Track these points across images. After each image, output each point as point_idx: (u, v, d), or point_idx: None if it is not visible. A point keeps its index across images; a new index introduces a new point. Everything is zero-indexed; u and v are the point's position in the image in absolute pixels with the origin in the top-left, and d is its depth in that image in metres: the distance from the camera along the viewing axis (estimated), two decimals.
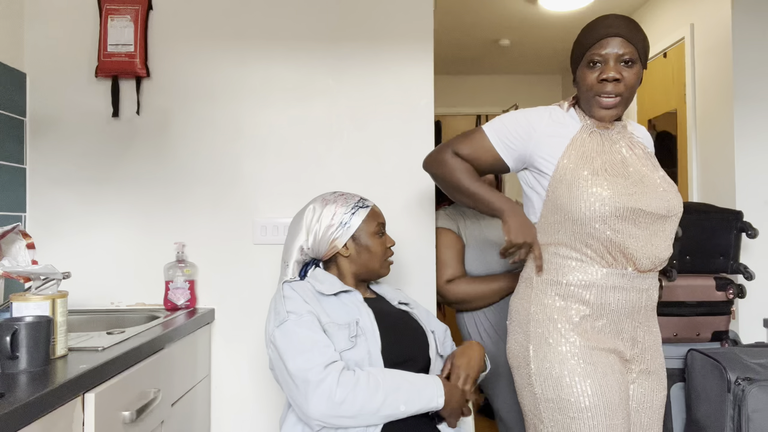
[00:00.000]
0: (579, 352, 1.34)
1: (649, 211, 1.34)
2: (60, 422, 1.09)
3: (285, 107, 2.06)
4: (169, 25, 2.05)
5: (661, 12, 3.15)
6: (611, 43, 1.37)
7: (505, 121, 1.48)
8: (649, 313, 1.44)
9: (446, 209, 2.11)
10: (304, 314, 1.39)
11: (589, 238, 1.35)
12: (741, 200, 2.36)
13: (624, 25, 1.38)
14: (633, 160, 1.42)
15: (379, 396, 1.30)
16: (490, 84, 5.08)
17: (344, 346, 1.38)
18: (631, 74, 1.38)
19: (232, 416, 2.03)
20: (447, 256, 2.00)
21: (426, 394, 1.34)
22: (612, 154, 1.41)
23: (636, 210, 1.33)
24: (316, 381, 1.29)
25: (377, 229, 1.55)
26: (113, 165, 2.04)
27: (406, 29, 2.07)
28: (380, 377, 1.33)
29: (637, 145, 1.46)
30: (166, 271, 1.95)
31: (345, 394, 1.29)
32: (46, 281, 1.30)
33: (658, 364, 1.47)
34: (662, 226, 1.38)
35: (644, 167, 1.42)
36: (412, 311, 1.59)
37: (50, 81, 2.03)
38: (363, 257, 1.54)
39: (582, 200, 1.33)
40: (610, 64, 1.37)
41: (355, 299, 1.49)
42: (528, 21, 3.69)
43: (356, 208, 1.54)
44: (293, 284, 1.48)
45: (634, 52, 1.37)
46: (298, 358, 1.33)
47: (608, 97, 1.38)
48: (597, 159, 1.38)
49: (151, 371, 1.49)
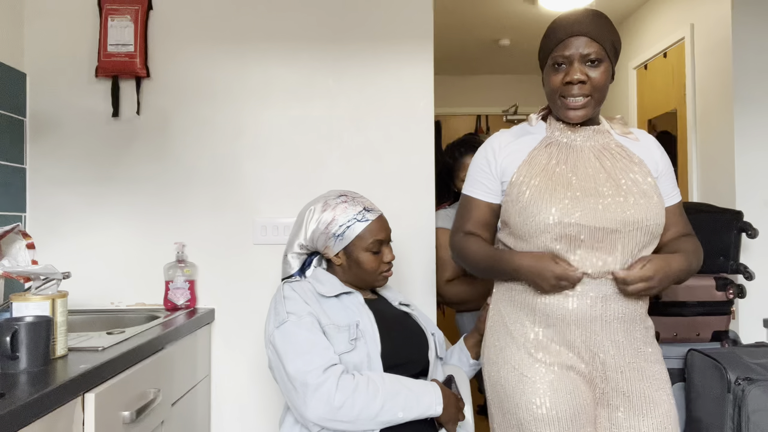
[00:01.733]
0: (521, 361, 1.32)
1: (595, 226, 1.27)
2: (60, 422, 1.09)
3: (285, 107, 2.06)
4: (169, 25, 2.05)
5: (661, 12, 3.15)
6: (575, 43, 1.31)
7: (471, 171, 1.47)
8: (616, 326, 1.31)
9: (446, 209, 2.11)
10: (304, 315, 1.38)
11: (535, 250, 1.32)
12: (741, 200, 2.36)
13: (588, 22, 1.32)
14: (594, 169, 1.34)
15: (378, 402, 1.30)
16: (490, 84, 5.07)
17: (344, 348, 1.37)
18: (598, 74, 1.32)
19: (232, 416, 2.03)
20: (447, 256, 2.00)
21: (425, 401, 1.34)
22: (568, 165, 1.35)
23: (579, 225, 1.27)
24: (315, 384, 1.28)
25: (372, 246, 1.48)
26: (113, 165, 2.04)
27: (406, 29, 2.07)
28: (379, 383, 1.32)
29: (612, 150, 1.38)
30: (166, 271, 1.95)
31: (344, 399, 1.28)
32: (46, 281, 1.30)
33: (645, 388, 1.32)
34: (613, 239, 1.28)
35: (608, 176, 1.33)
36: (413, 312, 1.58)
37: (50, 81, 2.03)
38: (354, 270, 1.50)
39: (525, 217, 1.30)
40: (575, 66, 1.31)
41: (356, 301, 1.48)
42: (528, 21, 3.69)
43: (354, 221, 1.48)
44: (294, 284, 1.47)
45: (601, 50, 1.31)
46: (297, 360, 1.32)
47: (574, 100, 1.34)
48: (545, 174, 1.33)
49: (151, 371, 1.49)
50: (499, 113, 5.06)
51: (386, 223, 1.54)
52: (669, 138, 3.01)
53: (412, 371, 1.44)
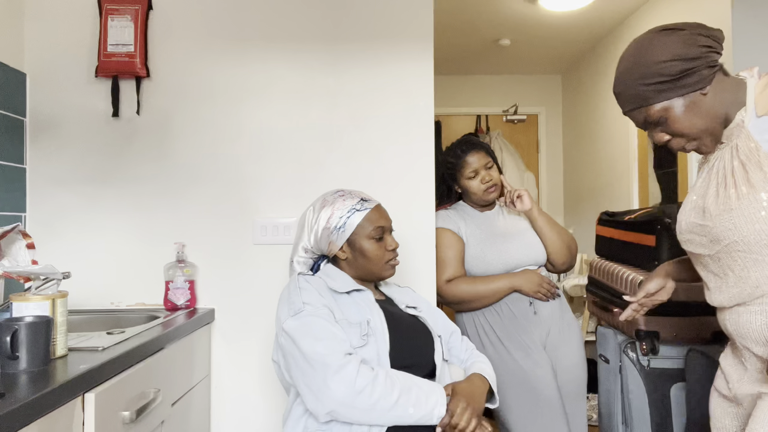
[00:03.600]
0: None
1: None
2: (60, 422, 1.09)
3: (285, 107, 2.06)
4: (169, 25, 2.05)
5: (661, 12, 3.15)
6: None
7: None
8: None
9: (446, 209, 2.11)
10: (320, 307, 1.38)
11: None
12: None
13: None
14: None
15: (395, 394, 1.29)
16: (490, 84, 5.07)
17: (356, 343, 1.37)
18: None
19: (232, 416, 2.03)
20: (447, 256, 2.00)
21: (431, 400, 1.33)
22: None
23: None
24: (337, 366, 1.28)
25: (375, 233, 1.49)
26: (113, 165, 2.04)
27: (406, 29, 2.07)
28: (395, 377, 1.32)
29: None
30: (166, 271, 1.95)
31: (365, 384, 1.27)
32: (46, 281, 1.30)
33: None
34: None
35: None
36: (420, 315, 1.57)
37: (50, 81, 2.03)
38: (360, 261, 1.50)
39: None
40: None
41: (367, 299, 1.48)
42: (528, 21, 3.69)
43: (353, 211, 1.49)
44: (308, 277, 1.48)
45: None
46: (318, 344, 1.31)
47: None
48: None
49: (151, 371, 1.49)
50: (499, 113, 5.07)
51: (385, 212, 1.55)
52: None
53: (418, 373, 1.44)
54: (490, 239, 1.99)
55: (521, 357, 1.87)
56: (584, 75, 4.45)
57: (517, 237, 2.00)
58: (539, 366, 1.86)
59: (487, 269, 1.96)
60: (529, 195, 2.04)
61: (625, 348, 2.12)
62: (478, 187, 2.01)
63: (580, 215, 4.58)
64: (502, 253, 1.96)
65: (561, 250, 2.00)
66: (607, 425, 2.25)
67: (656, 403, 2.04)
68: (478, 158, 2.01)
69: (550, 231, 2.00)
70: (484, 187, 2.01)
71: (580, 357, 1.98)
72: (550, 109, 5.09)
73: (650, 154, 3.26)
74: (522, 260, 1.97)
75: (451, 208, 2.11)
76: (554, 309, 1.97)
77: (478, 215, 2.07)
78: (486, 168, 2.02)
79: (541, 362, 1.87)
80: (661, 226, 2.03)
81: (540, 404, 1.82)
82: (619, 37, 3.73)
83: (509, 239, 1.99)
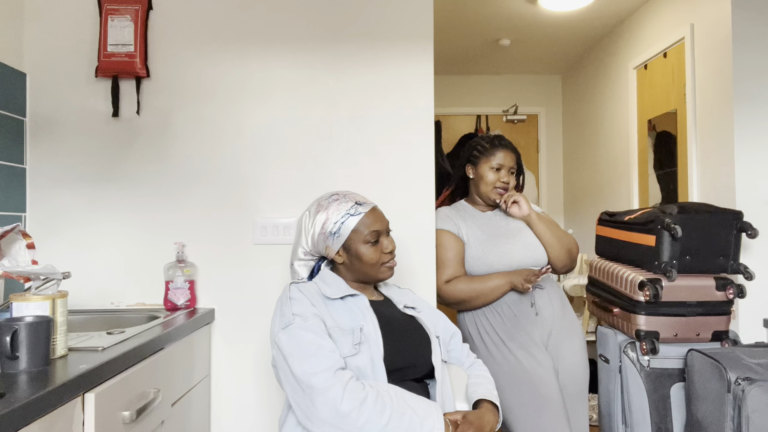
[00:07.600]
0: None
1: None
2: (60, 422, 1.09)
3: (285, 107, 2.06)
4: (169, 24, 2.05)
5: (661, 12, 3.15)
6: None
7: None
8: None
9: (446, 210, 2.11)
10: (309, 317, 1.37)
11: None
12: (741, 200, 2.36)
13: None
14: None
15: (384, 418, 1.26)
16: (490, 84, 5.07)
17: (348, 352, 1.36)
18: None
19: (231, 416, 2.03)
20: (447, 256, 2.00)
21: (427, 424, 1.29)
22: None
23: None
24: (321, 388, 1.26)
25: (370, 237, 1.47)
26: (113, 165, 2.04)
27: (405, 29, 2.07)
28: (387, 400, 1.29)
29: None
30: (166, 271, 1.95)
31: (351, 408, 1.25)
32: (46, 281, 1.30)
33: None
34: None
35: None
36: (418, 315, 1.56)
37: (50, 81, 2.03)
38: (356, 265, 1.49)
39: None
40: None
41: (361, 304, 1.47)
42: (528, 21, 3.69)
43: (347, 216, 1.47)
44: (300, 285, 1.47)
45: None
46: (304, 363, 1.30)
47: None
48: None
49: (151, 371, 1.49)
50: (499, 113, 5.06)
51: (381, 214, 1.53)
52: (669, 138, 3.01)
53: (415, 375, 1.43)
54: (492, 240, 1.99)
55: (523, 356, 1.87)
56: (584, 75, 4.45)
57: (518, 237, 2.00)
58: (541, 365, 1.86)
59: (489, 270, 1.96)
60: (526, 200, 2.04)
61: (625, 348, 2.12)
62: (493, 181, 2.03)
63: (580, 215, 4.58)
64: (503, 254, 1.96)
65: (560, 254, 2.01)
66: (607, 425, 2.25)
67: (656, 403, 2.04)
68: (509, 158, 2.06)
69: (550, 236, 2.00)
70: (498, 184, 2.02)
71: (582, 357, 1.98)
72: (550, 109, 5.09)
73: (650, 154, 3.26)
74: (523, 261, 1.97)
75: (451, 208, 2.12)
76: (556, 309, 1.97)
77: (479, 215, 2.07)
78: (509, 170, 2.05)
79: (543, 362, 1.87)
80: (661, 226, 2.03)
81: (542, 404, 1.82)
82: (619, 37, 3.73)
83: (510, 240, 1.99)
